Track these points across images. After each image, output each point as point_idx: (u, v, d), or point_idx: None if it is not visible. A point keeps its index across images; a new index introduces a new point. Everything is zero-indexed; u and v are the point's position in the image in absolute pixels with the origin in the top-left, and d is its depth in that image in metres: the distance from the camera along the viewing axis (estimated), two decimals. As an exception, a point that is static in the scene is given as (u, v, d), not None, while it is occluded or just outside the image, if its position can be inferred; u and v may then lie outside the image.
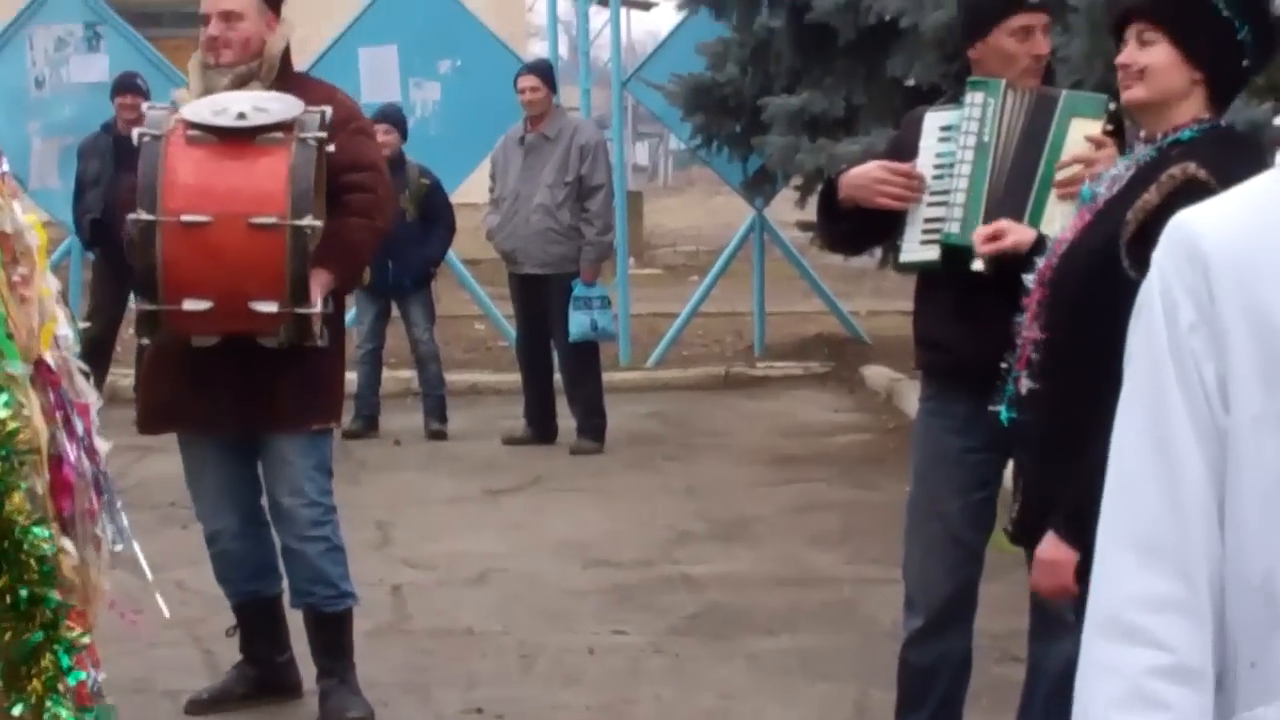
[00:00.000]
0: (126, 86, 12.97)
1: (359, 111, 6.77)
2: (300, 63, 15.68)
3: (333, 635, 6.65)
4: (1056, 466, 4.11)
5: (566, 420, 12.49)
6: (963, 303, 5.35)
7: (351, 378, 12.63)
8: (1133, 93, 4.20)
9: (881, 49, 11.71)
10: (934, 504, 5.56)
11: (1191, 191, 3.95)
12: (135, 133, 6.13)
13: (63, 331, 4.30)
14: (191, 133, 6.06)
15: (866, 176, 5.44)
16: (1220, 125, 4.22)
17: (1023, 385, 4.31)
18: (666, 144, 48.28)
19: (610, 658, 7.54)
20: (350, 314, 12.84)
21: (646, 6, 28.67)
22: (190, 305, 6.01)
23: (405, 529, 9.96)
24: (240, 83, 6.31)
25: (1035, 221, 5.15)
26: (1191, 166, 4.01)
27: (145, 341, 6.60)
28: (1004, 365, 4.44)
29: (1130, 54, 4.17)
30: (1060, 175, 5.15)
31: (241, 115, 6.07)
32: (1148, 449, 2.46)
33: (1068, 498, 4.06)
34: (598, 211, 12.23)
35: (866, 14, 11.57)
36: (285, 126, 6.09)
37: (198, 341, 6.23)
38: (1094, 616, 2.49)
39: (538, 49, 22.92)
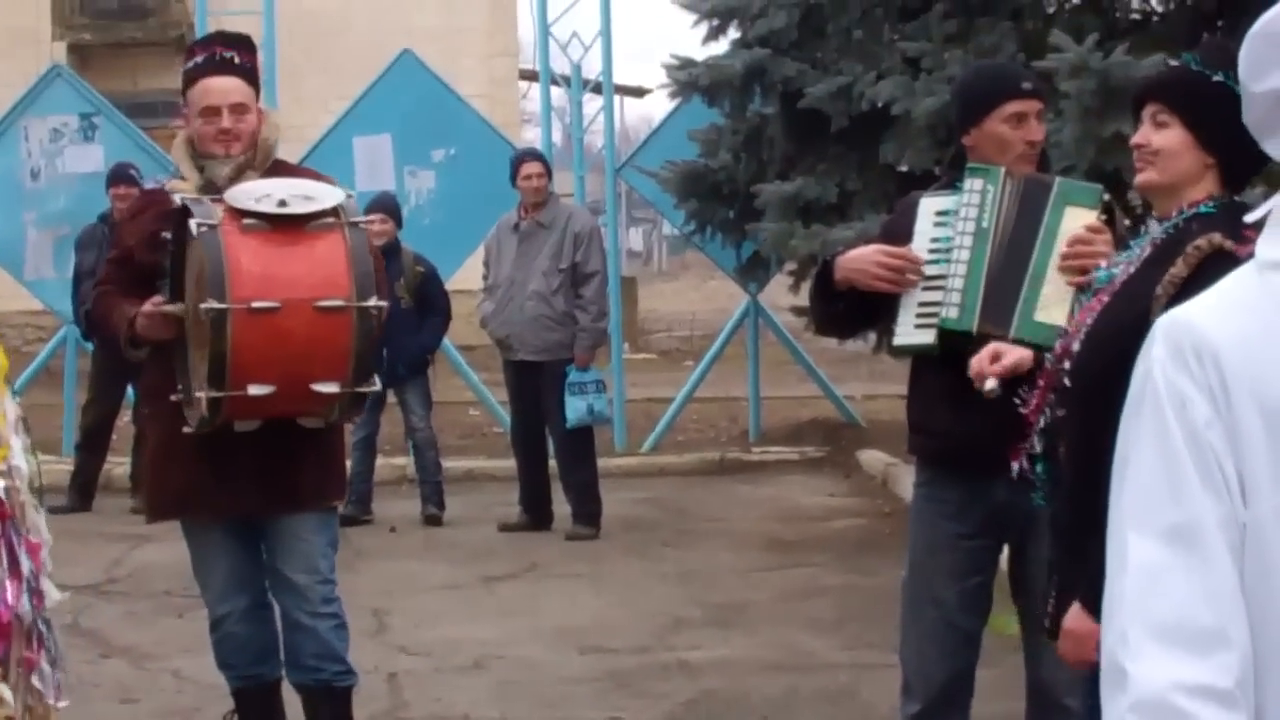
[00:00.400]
0: (121, 177, 13.04)
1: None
2: (296, 151, 15.91)
3: (342, 712, 6.63)
4: (1083, 549, 4.07)
5: (562, 506, 12.46)
6: (955, 388, 5.32)
7: (346, 464, 12.68)
8: (1145, 175, 4.20)
9: (874, 135, 11.76)
10: (930, 590, 5.55)
11: (1220, 261, 3.95)
12: (192, 223, 6.10)
13: (16, 462, 4.15)
14: (247, 221, 6.08)
15: (864, 259, 5.46)
16: (1236, 201, 4.20)
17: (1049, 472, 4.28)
18: (660, 229, 48.41)
19: (607, 745, 7.51)
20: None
21: (640, 93, 28.78)
22: (254, 390, 6.01)
23: (401, 616, 9.93)
24: (238, 172, 6.35)
25: (1029, 311, 5.18)
26: (1217, 237, 3.99)
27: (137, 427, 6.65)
28: (1027, 451, 4.43)
29: (1145, 134, 4.18)
30: (1066, 263, 5.15)
31: (283, 203, 6.11)
32: (1173, 539, 2.48)
33: (1093, 569, 4.05)
34: (592, 298, 12.26)
35: (859, 101, 11.64)
36: (333, 212, 6.18)
37: (241, 426, 6.22)
38: (1132, 699, 2.48)
39: (531, 136, 23.08)
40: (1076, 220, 5.20)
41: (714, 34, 13.88)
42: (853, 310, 5.64)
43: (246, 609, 6.56)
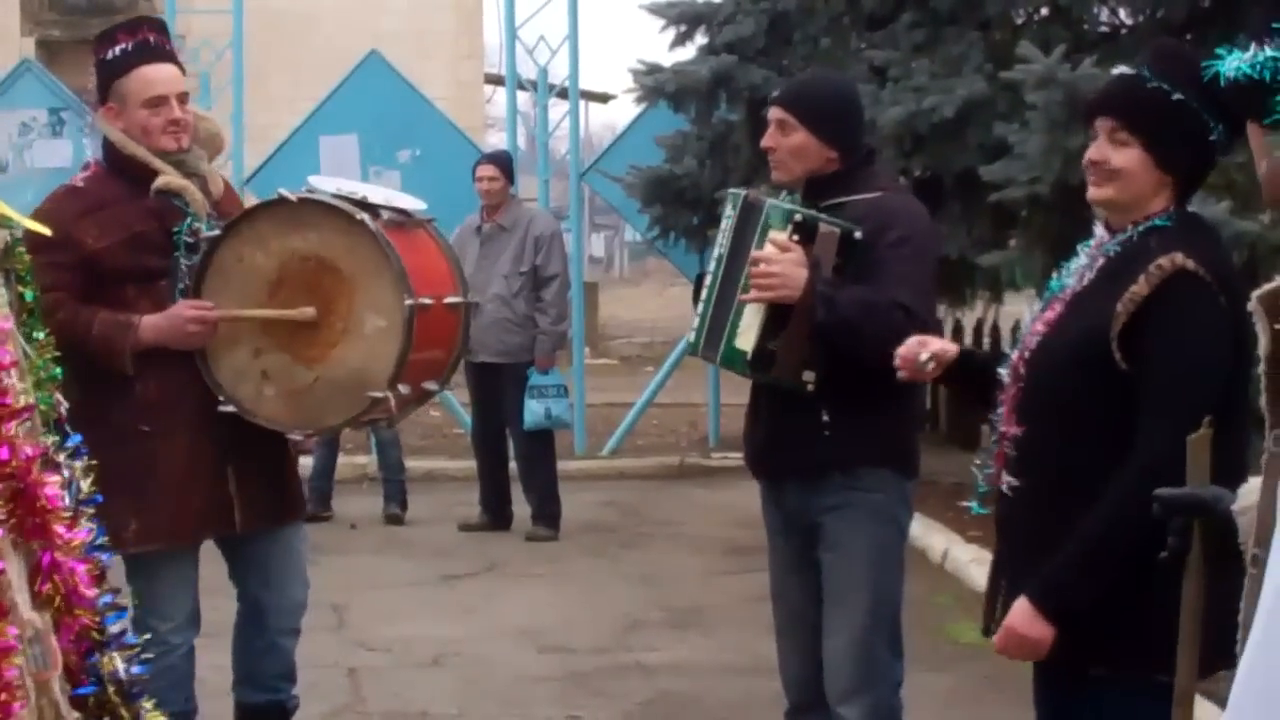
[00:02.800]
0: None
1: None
2: (262, 150, 15.93)
3: None
4: (1041, 558, 4.09)
5: (522, 507, 12.46)
6: (753, 400, 5.63)
7: (307, 463, 12.67)
8: (1103, 191, 4.16)
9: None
10: (775, 585, 5.70)
11: (1183, 282, 3.98)
12: (360, 216, 5.83)
13: None
14: (386, 217, 5.97)
15: None
16: (1188, 211, 4.21)
17: (1003, 482, 4.26)
18: (622, 236, 48.41)
19: (565, 744, 7.52)
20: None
21: (605, 99, 28.76)
22: (429, 385, 6.12)
23: (361, 612, 9.93)
24: (180, 169, 6.01)
25: (732, 336, 5.23)
26: (1179, 257, 3.98)
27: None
28: (976, 461, 4.45)
29: (1102, 151, 4.14)
30: (752, 283, 5.15)
31: (365, 198, 5.98)
32: None
33: (1053, 574, 4.06)
34: (552, 301, 12.27)
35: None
36: (407, 211, 6.19)
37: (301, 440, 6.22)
38: None
39: (496, 140, 23.05)
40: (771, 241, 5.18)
41: (681, 40, 13.90)
42: None
43: (192, 644, 6.14)
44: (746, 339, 5.17)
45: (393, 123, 15.72)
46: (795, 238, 5.12)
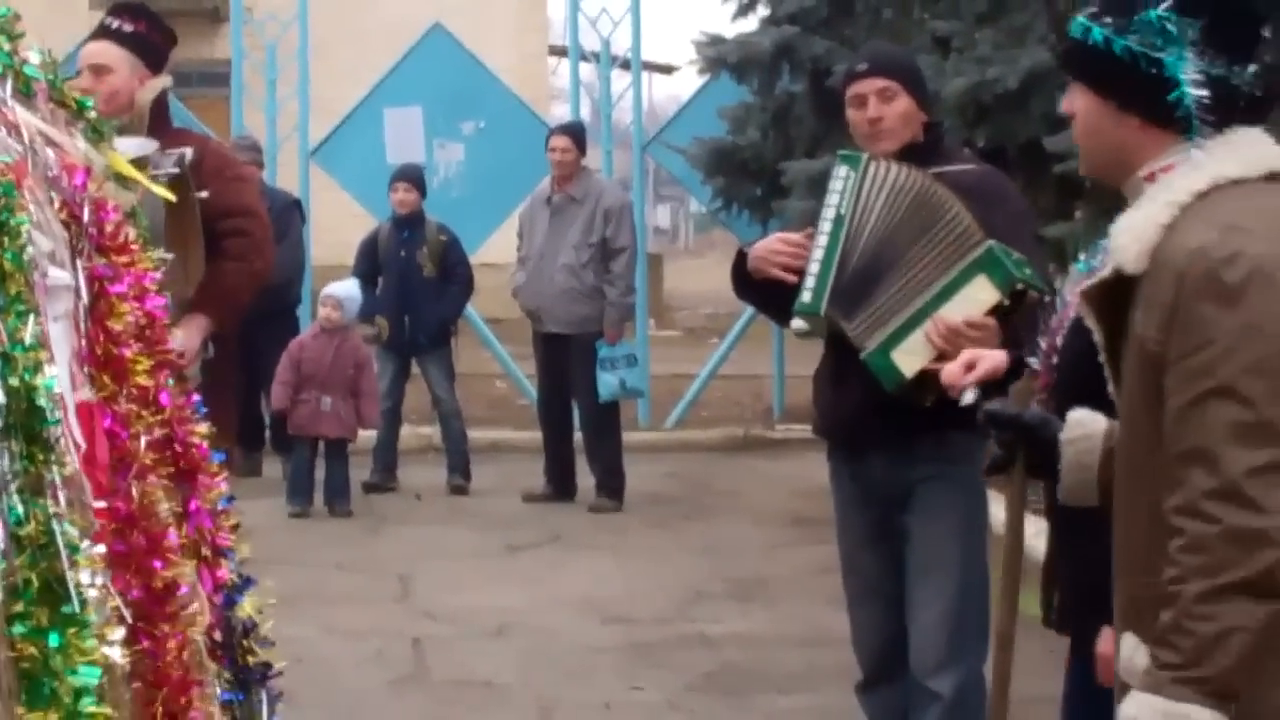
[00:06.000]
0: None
1: (234, 160, 6.64)
2: (325, 124, 15.97)
3: None
4: (1095, 549, 4.04)
5: (586, 478, 12.49)
6: (835, 368, 5.49)
7: (371, 434, 12.75)
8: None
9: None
10: (849, 559, 5.67)
11: None
12: None
13: None
14: None
15: (764, 248, 5.46)
16: None
17: None
18: (687, 207, 48.39)
19: (627, 714, 7.55)
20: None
21: (668, 70, 28.76)
22: None
23: (425, 582, 9.98)
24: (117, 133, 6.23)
25: (892, 342, 5.07)
26: None
27: None
28: None
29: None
30: (939, 324, 5.01)
31: None
32: None
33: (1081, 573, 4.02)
34: (620, 273, 12.28)
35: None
36: (138, 165, 6.05)
37: None
38: None
39: (560, 112, 23.00)
40: (979, 292, 5.02)
41: (743, 11, 13.91)
42: (768, 299, 5.61)
43: None
44: (910, 364, 5.03)
45: (457, 95, 15.75)
46: (1008, 304, 4.97)
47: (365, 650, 8.47)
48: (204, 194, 6.08)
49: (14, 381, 2.69)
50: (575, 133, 12.74)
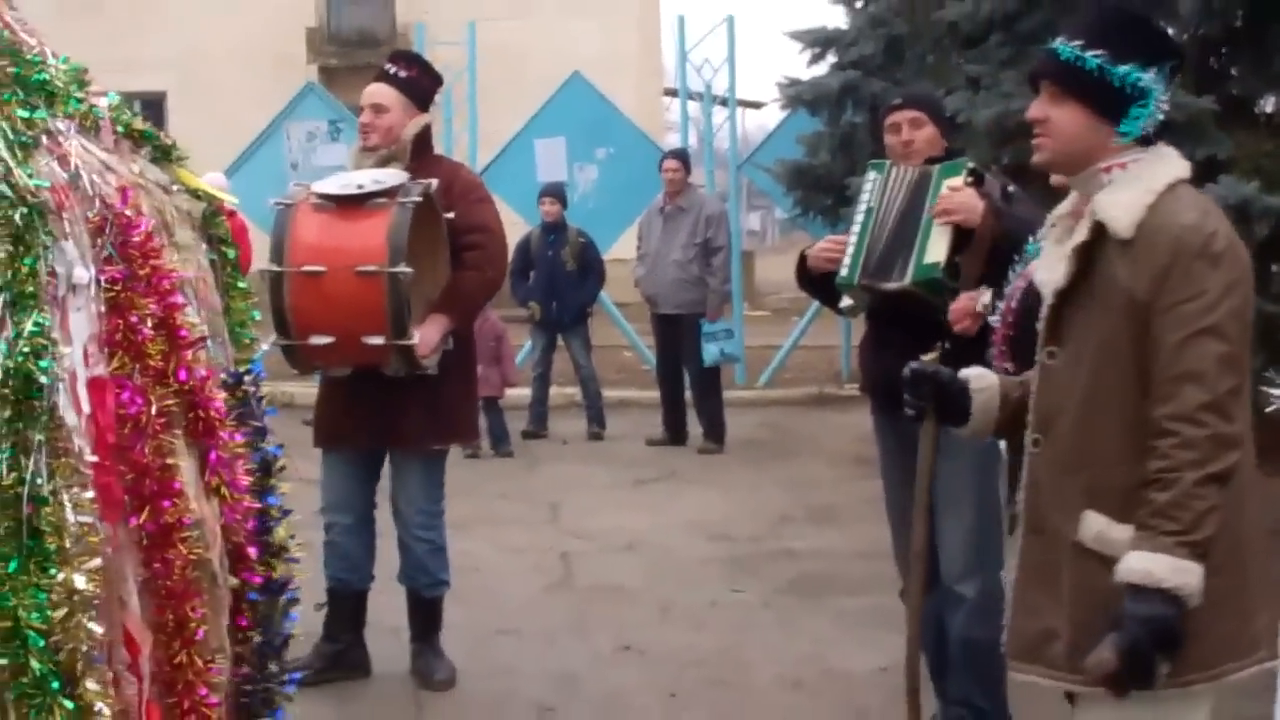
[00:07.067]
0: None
1: (479, 185, 6.37)
2: (488, 153, 15.91)
3: (427, 613, 6.45)
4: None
5: (695, 427, 12.50)
6: (874, 336, 5.52)
7: (527, 392, 12.80)
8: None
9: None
10: (890, 494, 5.62)
11: None
12: (270, 201, 5.99)
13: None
14: (315, 201, 5.89)
15: (818, 248, 5.50)
16: None
17: None
18: (773, 214, 48.09)
19: (728, 611, 7.56)
20: (525, 348, 12.94)
21: (758, 106, 28.59)
22: (315, 340, 5.82)
23: (571, 509, 10.01)
24: (382, 164, 6.10)
25: (920, 259, 5.13)
26: None
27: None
28: None
29: None
30: (937, 212, 5.13)
31: (361, 186, 5.89)
32: None
33: None
34: (719, 266, 12.28)
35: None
36: (390, 193, 5.86)
37: (333, 372, 6.06)
38: None
39: (672, 140, 22.88)
40: (947, 185, 5.18)
41: (816, 59, 13.77)
42: (822, 290, 5.55)
43: (348, 526, 6.29)
44: (935, 254, 5.07)
45: (591, 128, 15.73)
46: (970, 180, 5.13)
47: (524, 562, 8.52)
48: (450, 215, 6.04)
49: (9, 363, 2.70)
50: (683, 156, 12.77)
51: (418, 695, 6.26)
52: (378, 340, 5.80)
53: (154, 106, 24.87)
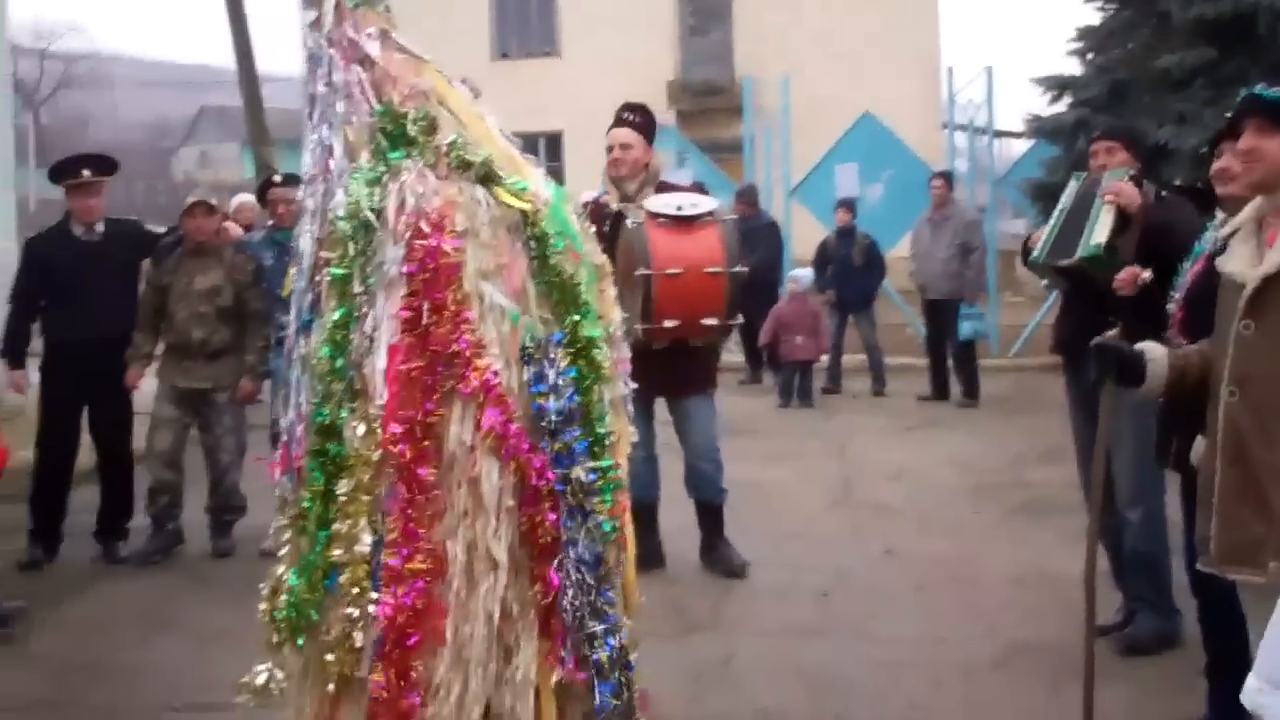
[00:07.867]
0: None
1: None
2: (799, 173, 15.93)
3: (716, 516, 6.48)
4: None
5: (956, 387, 12.41)
6: (1063, 307, 5.48)
7: (824, 360, 12.94)
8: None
9: (1159, 163, 11.37)
10: (1077, 436, 5.55)
11: None
12: (628, 222, 5.96)
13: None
14: (660, 219, 6.01)
15: (1031, 236, 5.49)
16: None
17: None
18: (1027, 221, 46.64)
19: (971, 527, 7.57)
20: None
21: (1015, 136, 27.90)
22: (667, 324, 5.95)
23: (855, 448, 10.06)
24: (640, 188, 6.19)
25: (1089, 239, 5.02)
26: None
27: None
28: None
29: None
30: (1104, 199, 5.02)
31: (679, 208, 6.02)
32: None
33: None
34: (975, 263, 12.18)
35: (1144, 139, 11.26)
36: (710, 213, 6.10)
37: (657, 345, 6.00)
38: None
39: (943, 165, 22.67)
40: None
41: (1055, 99, 13.58)
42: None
43: (643, 457, 6.02)
44: (1099, 237, 5.01)
45: (879, 155, 15.69)
46: (1130, 178, 5.06)
47: (816, 486, 8.65)
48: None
49: (325, 350, 3.06)
50: (946, 176, 12.69)
51: (717, 581, 6.37)
52: (713, 321, 6.04)
53: (554, 142, 25.86)
